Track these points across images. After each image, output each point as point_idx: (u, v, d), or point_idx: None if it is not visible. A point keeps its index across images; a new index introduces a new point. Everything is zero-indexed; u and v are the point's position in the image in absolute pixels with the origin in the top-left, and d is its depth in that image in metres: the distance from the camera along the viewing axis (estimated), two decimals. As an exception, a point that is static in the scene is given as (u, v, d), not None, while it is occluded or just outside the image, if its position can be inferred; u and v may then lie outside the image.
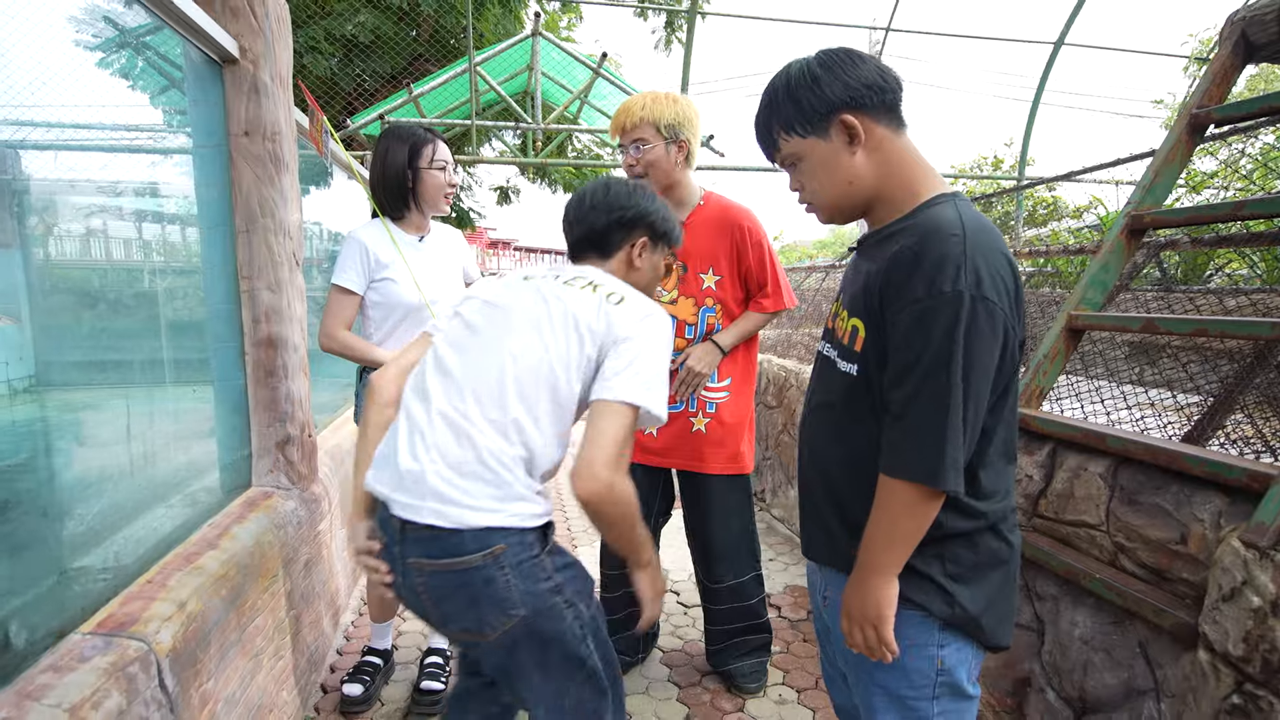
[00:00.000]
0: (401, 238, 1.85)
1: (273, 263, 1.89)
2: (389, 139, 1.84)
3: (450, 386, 1.13)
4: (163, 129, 1.81)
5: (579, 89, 5.66)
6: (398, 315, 1.81)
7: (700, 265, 1.85)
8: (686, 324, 1.86)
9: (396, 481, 1.09)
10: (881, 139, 0.99)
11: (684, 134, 1.78)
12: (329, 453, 2.47)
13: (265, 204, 1.87)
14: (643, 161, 1.79)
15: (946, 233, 0.91)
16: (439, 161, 1.83)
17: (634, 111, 1.78)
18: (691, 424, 1.88)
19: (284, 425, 1.95)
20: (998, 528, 1.01)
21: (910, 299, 0.91)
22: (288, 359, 1.95)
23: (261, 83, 1.84)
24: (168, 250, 1.93)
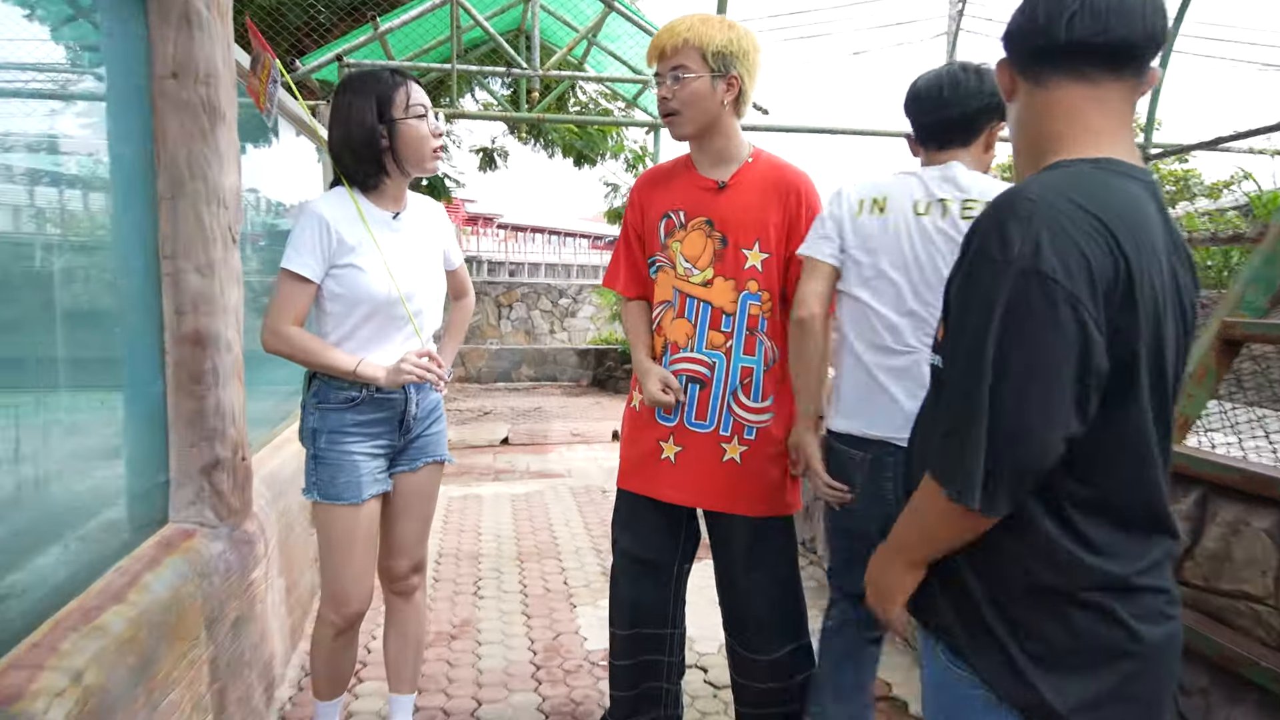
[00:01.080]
0: (373, 214, 1.83)
1: (203, 238, 1.88)
2: (347, 92, 1.81)
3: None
4: (66, 68, 1.80)
5: (587, 26, 5.65)
6: (363, 311, 1.79)
7: (744, 238, 1.82)
8: (724, 313, 1.83)
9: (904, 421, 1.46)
10: (1029, 97, 1.05)
11: (736, 68, 1.75)
12: (265, 480, 2.45)
13: (195, 164, 1.86)
14: (679, 95, 1.76)
15: (1022, 195, 0.93)
16: (416, 107, 1.81)
17: (677, 31, 1.74)
18: (723, 451, 1.84)
19: (212, 445, 1.93)
20: (1112, 608, 0.95)
21: (956, 270, 0.97)
22: (219, 361, 1.93)
23: (195, 11, 1.83)
24: (67, 220, 1.92)
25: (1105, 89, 0.99)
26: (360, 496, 1.80)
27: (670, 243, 1.88)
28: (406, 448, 1.91)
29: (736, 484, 1.84)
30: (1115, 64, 0.98)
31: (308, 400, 1.86)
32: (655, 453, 1.89)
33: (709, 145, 1.84)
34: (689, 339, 1.85)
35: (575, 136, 10.84)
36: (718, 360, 1.84)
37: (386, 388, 1.80)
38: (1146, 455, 0.96)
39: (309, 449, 1.83)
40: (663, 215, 1.89)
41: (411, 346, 1.85)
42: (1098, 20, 0.96)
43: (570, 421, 7.48)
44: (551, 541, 3.90)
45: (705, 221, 1.84)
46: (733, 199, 1.82)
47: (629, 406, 1.99)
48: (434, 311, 1.92)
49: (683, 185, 1.88)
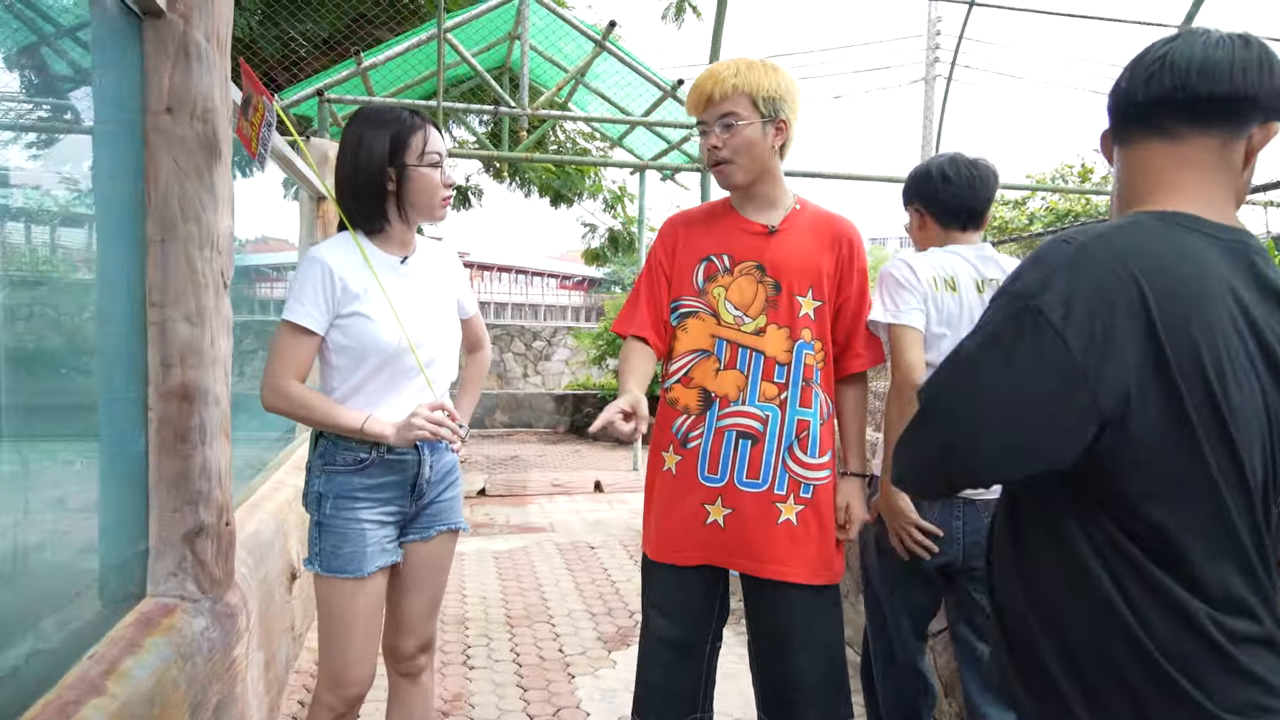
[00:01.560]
0: (378, 259, 1.75)
1: (195, 285, 1.79)
2: (363, 124, 1.75)
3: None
4: (54, 99, 1.72)
5: (576, 66, 5.68)
6: (372, 363, 1.70)
7: (798, 285, 1.78)
8: (777, 363, 1.77)
9: None
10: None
11: (785, 112, 1.74)
12: (245, 544, 2.32)
13: (189, 205, 1.78)
14: (730, 144, 1.73)
15: (1061, 240, 0.97)
16: (432, 155, 1.74)
17: (724, 78, 1.72)
18: (778, 512, 1.77)
19: (196, 509, 1.81)
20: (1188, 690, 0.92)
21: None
22: (206, 417, 1.83)
23: (194, 43, 1.76)
24: (47, 263, 1.82)
25: (1188, 144, 1.00)
26: (365, 570, 1.68)
27: (711, 288, 1.81)
28: (419, 515, 1.81)
29: (792, 547, 1.76)
30: (1197, 119, 0.99)
31: (313, 462, 1.75)
32: (699, 517, 1.79)
33: (757, 191, 1.81)
34: (740, 391, 1.77)
35: (553, 176, 10.88)
36: (771, 413, 1.77)
37: (396, 446, 1.70)
38: (1223, 529, 0.92)
39: (313, 515, 1.73)
40: (703, 258, 1.83)
41: (424, 400, 1.75)
42: (1176, 77, 0.99)
43: (549, 471, 7.35)
44: (542, 604, 3.77)
45: (755, 266, 1.79)
46: (785, 244, 1.78)
47: (660, 471, 1.87)
48: (448, 362, 1.83)
49: (727, 229, 1.83)
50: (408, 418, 1.66)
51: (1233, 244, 0.97)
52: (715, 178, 1.81)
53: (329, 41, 7.01)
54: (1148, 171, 1.03)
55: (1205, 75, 0.98)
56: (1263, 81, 0.97)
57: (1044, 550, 1.01)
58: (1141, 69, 1.03)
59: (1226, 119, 0.99)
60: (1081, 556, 0.96)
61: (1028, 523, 1.04)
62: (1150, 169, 1.03)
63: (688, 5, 10.85)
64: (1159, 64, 1.01)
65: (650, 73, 5.68)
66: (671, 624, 1.84)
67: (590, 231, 12.25)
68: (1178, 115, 1.00)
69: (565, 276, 35.44)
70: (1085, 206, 13.89)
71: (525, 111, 5.28)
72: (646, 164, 6.43)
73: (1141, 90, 1.02)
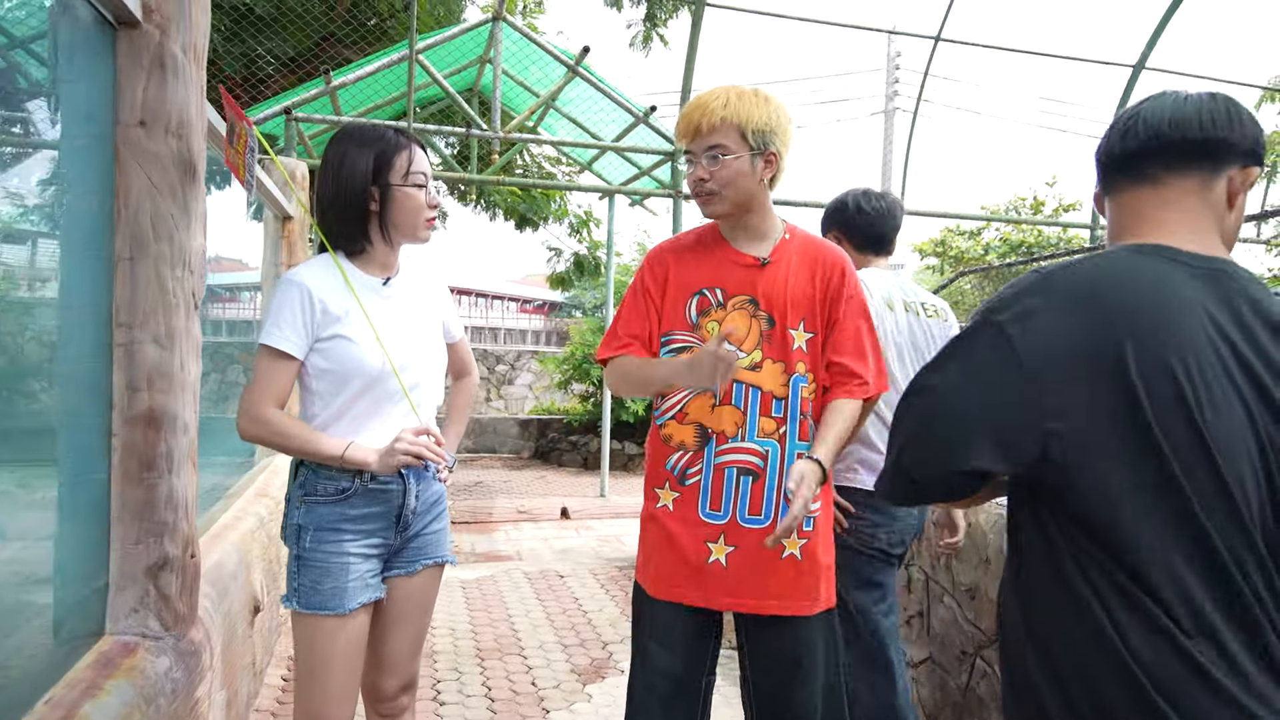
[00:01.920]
0: (360, 280, 1.70)
1: (165, 305, 1.71)
2: (346, 143, 1.71)
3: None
4: (20, 110, 1.65)
5: (549, 90, 5.68)
6: (355, 387, 1.64)
7: (790, 318, 1.75)
8: (774, 398, 1.74)
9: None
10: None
11: (775, 144, 1.72)
12: (208, 577, 2.22)
13: (161, 223, 1.71)
14: (718, 176, 1.71)
15: (1042, 268, 1.05)
16: (416, 175, 1.70)
17: (712, 110, 1.69)
18: (782, 546, 1.73)
19: (161, 541, 1.72)
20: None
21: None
22: (174, 444, 1.74)
23: (170, 56, 1.70)
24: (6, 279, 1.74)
25: (1168, 187, 1.08)
26: (346, 606, 1.61)
27: (705, 322, 1.78)
28: (404, 548, 1.74)
29: (797, 582, 1.73)
30: (1173, 163, 1.08)
31: (293, 492, 1.68)
32: (701, 555, 1.75)
33: (746, 221, 1.78)
34: (738, 427, 1.74)
35: (518, 199, 10.84)
36: (771, 449, 1.73)
37: (379, 474, 1.64)
38: (1202, 554, 0.92)
39: (292, 548, 1.65)
40: (695, 292, 1.79)
41: (408, 426, 1.69)
42: (1150, 128, 1.08)
43: (515, 497, 7.25)
44: (512, 635, 3.68)
45: (749, 300, 1.76)
46: (776, 276, 1.76)
47: (656, 507, 1.82)
48: (433, 386, 1.78)
49: (718, 261, 1.80)
50: (390, 443, 1.60)
51: (1211, 271, 1.01)
52: (700, 208, 1.78)
53: (295, 60, 6.92)
54: (1133, 212, 1.11)
55: (1177, 125, 1.07)
56: (1232, 127, 1.06)
57: (1036, 570, 1.04)
58: (1119, 127, 1.13)
59: (1201, 161, 1.07)
60: (1068, 577, 0.99)
61: (1023, 543, 1.07)
62: (1135, 211, 1.10)
63: (655, 34, 10.98)
64: (1134, 120, 1.11)
65: (623, 98, 5.70)
66: (673, 661, 1.78)
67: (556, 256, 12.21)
68: (1156, 161, 1.08)
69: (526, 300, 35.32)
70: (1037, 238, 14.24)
71: (497, 134, 5.24)
72: (617, 189, 6.43)
73: (1119, 144, 1.12)
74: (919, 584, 2.74)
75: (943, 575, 2.59)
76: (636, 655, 1.84)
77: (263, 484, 3.54)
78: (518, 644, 3.57)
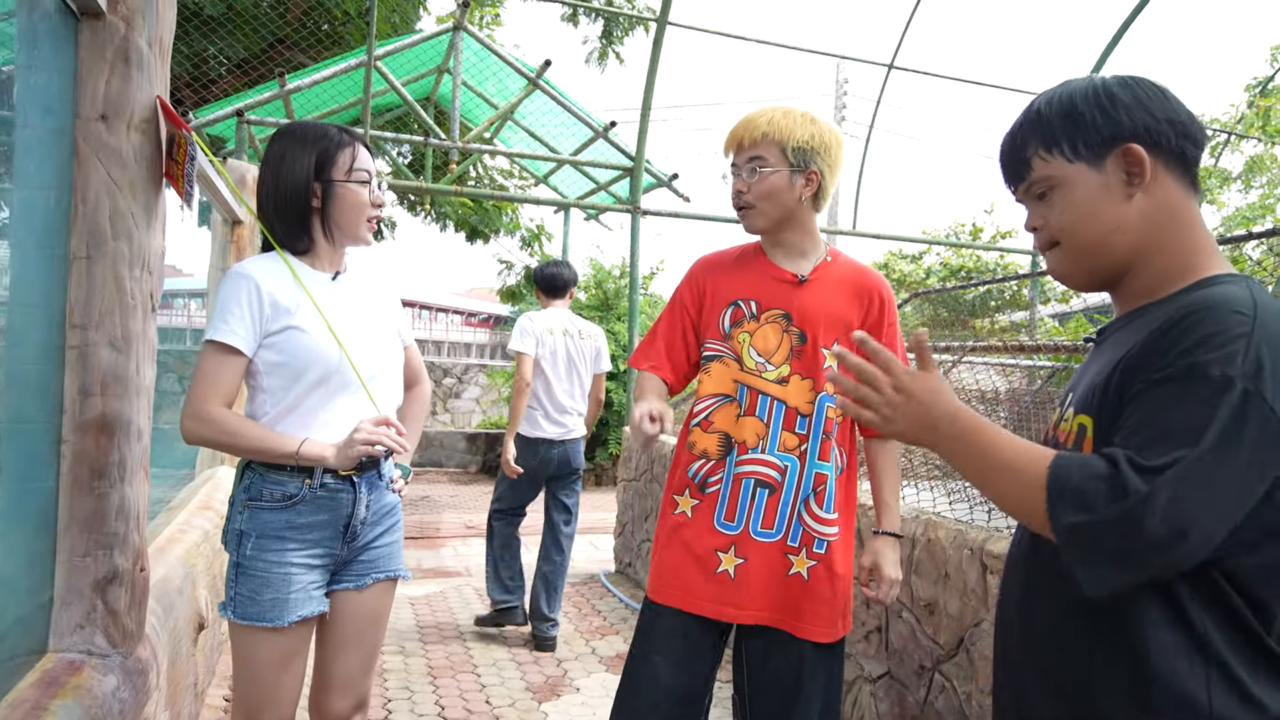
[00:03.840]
0: (308, 275, 1.66)
1: (122, 306, 1.65)
2: (287, 140, 1.68)
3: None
4: (-28, 100, 1.57)
5: (509, 102, 5.65)
6: (310, 379, 1.59)
7: (825, 336, 1.76)
8: (799, 414, 1.75)
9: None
10: (1168, 190, 0.99)
11: (817, 164, 1.73)
12: (154, 592, 2.12)
13: (120, 221, 1.65)
14: (755, 189, 1.74)
15: (1229, 308, 0.88)
16: (360, 172, 1.68)
17: (756, 125, 1.73)
18: (789, 564, 1.73)
19: (110, 554, 1.65)
20: None
21: (1155, 368, 0.88)
22: (126, 452, 1.68)
23: (135, 48, 1.65)
24: (-52, 277, 1.65)
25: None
26: (285, 619, 1.55)
27: (737, 333, 1.79)
28: (352, 560, 1.69)
29: (801, 602, 1.72)
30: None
31: (236, 495, 1.62)
32: (711, 565, 1.74)
33: (785, 239, 1.80)
34: (760, 439, 1.74)
35: (470, 211, 10.75)
36: (790, 464, 1.74)
37: (338, 468, 1.59)
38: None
39: (232, 554, 1.59)
40: (730, 302, 1.81)
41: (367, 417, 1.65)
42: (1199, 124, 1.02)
43: (462, 512, 7.14)
44: (465, 652, 3.60)
45: (782, 315, 1.77)
46: (814, 295, 1.77)
47: (673, 514, 1.81)
48: (391, 381, 1.73)
49: (756, 274, 1.81)
50: (349, 434, 1.56)
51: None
52: (741, 222, 1.81)
53: (246, 63, 6.77)
54: (1201, 229, 1.02)
55: (1198, 125, 1.02)
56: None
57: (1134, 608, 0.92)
58: (1187, 110, 1.02)
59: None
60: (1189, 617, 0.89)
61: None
62: (1200, 227, 1.02)
63: (612, 51, 11.04)
64: (1191, 112, 1.02)
65: (583, 113, 5.71)
66: (677, 672, 1.74)
67: (507, 269, 12.13)
68: (1195, 172, 1.03)
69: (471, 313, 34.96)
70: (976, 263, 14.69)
71: (455, 144, 5.20)
72: (574, 203, 6.42)
73: (1200, 143, 1.02)
74: (877, 600, 2.77)
75: (901, 590, 2.63)
76: (636, 670, 1.78)
77: (205, 496, 3.42)
78: (470, 662, 3.50)
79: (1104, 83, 1.02)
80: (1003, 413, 4.88)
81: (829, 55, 6.70)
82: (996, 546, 2.21)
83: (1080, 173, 1.01)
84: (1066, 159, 1.01)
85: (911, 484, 3.64)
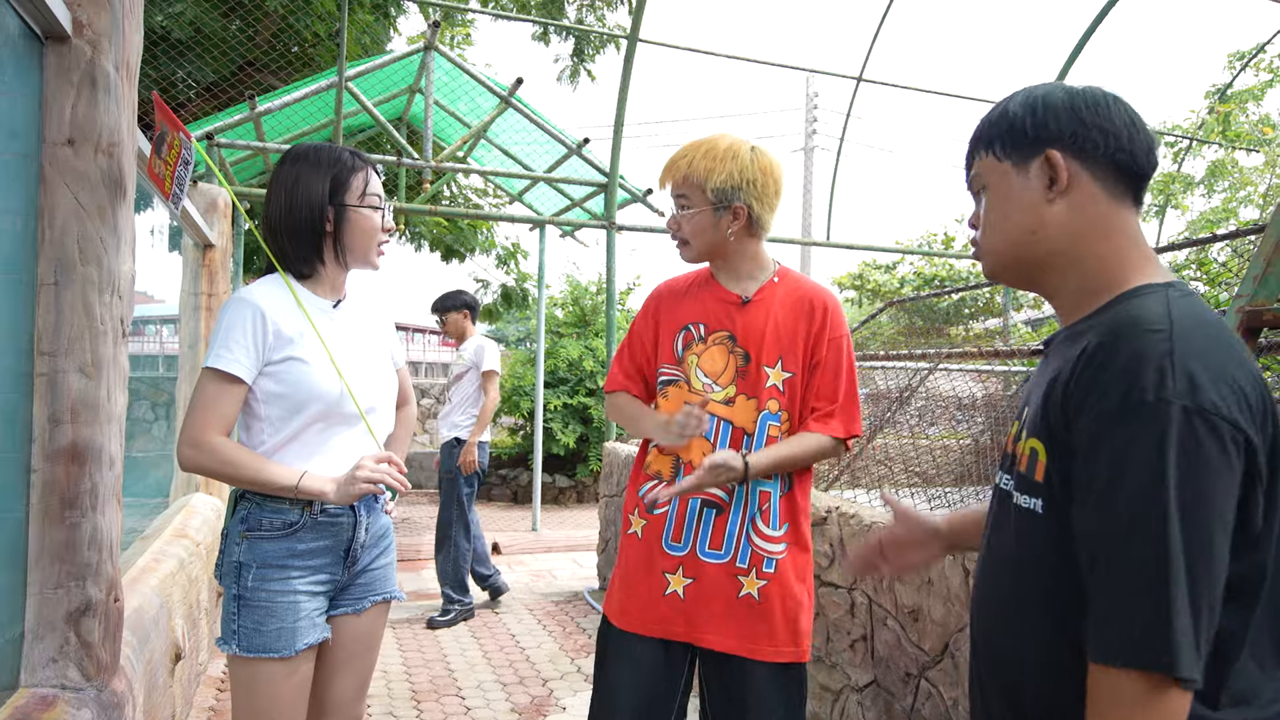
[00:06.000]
0: (311, 302, 1.65)
1: (92, 332, 1.63)
2: (299, 163, 1.67)
3: None
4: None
5: (481, 121, 5.66)
6: (311, 412, 1.58)
7: (767, 356, 1.77)
8: (744, 434, 1.76)
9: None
10: (1091, 198, 1.01)
11: (742, 199, 1.75)
12: (129, 623, 2.08)
13: (89, 246, 1.63)
14: (685, 226, 1.80)
15: (1143, 327, 0.90)
16: (371, 196, 1.68)
17: (678, 165, 1.77)
18: (739, 585, 1.72)
19: (83, 585, 1.62)
20: None
21: (1097, 413, 0.89)
22: (99, 480, 1.65)
23: (102, 72, 1.64)
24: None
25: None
26: (294, 648, 1.53)
27: (687, 356, 1.81)
28: (350, 584, 1.67)
29: (754, 623, 1.71)
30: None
31: (232, 527, 1.59)
32: (660, 587, 1.73)
33: (728, 265, 1.82)
34: (705, 458, 1.75)
35: (445, 230, 10.73)
36: (736, 483, 1.74)
37: (336, 504, 1.57)
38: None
39: (230, 588, 1.56)
40: (682, 327, 1.84)
41: (363, 452, 1.63)
42: (1150, 139, 1.04)
43: (444, 534, 7.06)
44: (449, 675, 3.56)
45: (727, 336, 1.79)
46: (757, 314, 1.78)
47: (627, 534, 1.82)
48: (387, 412, 1.73)
49: (704, 298, 1.84)
50: (350, 471, 1.55)
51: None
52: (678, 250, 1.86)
53: (215, 86, 6.73)
54: (1131, 239, 1.03)
55: (1139, 135, 1.03)
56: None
57: (1050, 580, 0.96)
58: (1127, 119, 1.02)
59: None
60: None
61: (1035, 574, 0.98)
62: (1130, 236, 1.03)
63: (583, 70, 11.11)
64: (1133, 121, 1.02)
65: (556, 130, 5.73)
66: (633, 693, 1.73)
67: (483, 288, 12.11)
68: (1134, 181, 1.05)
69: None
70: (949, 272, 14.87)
71: (429, 164, 5.19)
72: (550, 220, 6.44)
73: (1139, 153, 1.02)
74: (862, 608, 2.78)
75: (885, 598, 2.64)
76: (595, 693, 1.79)
77: (180, 524, 3.37)
78: (454, 684, 3.46)
79: (1048, 89, 1.04)
80: (980, 418, 4.93)
81: (798, 69, 6.78)
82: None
83: (1005, 173, 1.04)
84: (996, 159, 1.05)
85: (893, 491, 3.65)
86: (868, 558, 1.37)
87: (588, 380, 9.11)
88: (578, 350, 9.40)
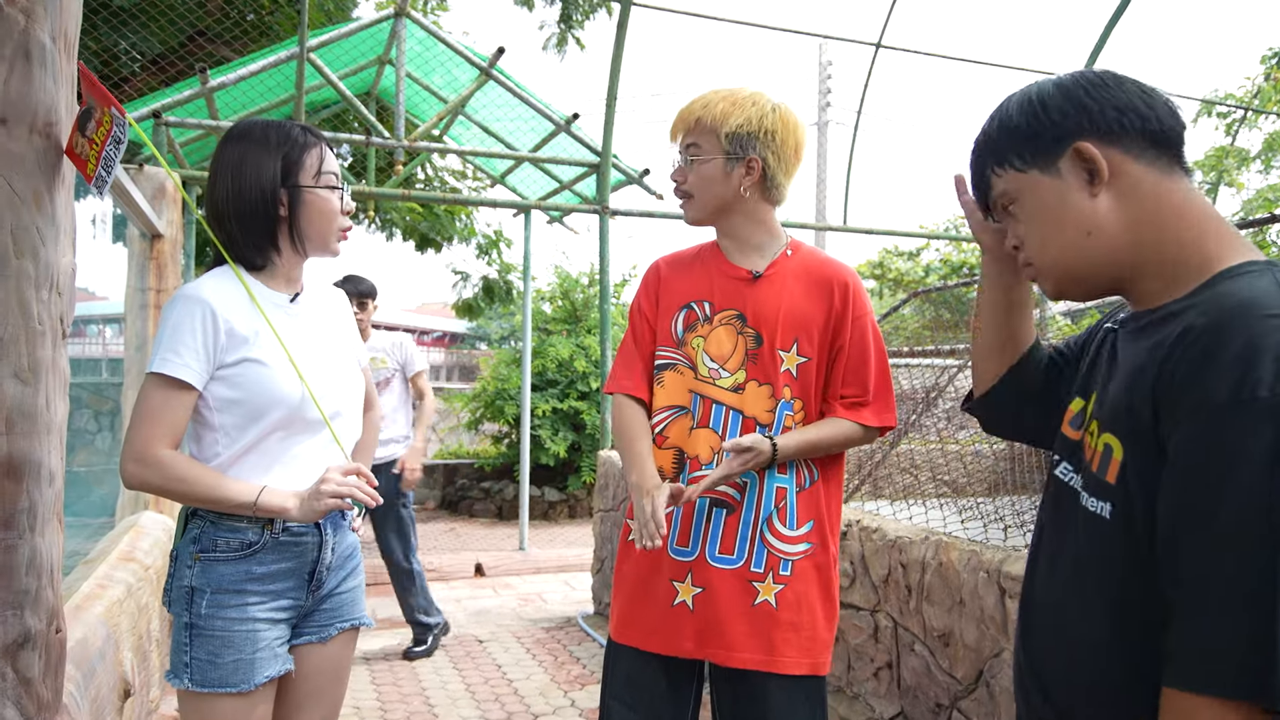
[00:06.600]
0: (265, 296, 1.65)
1: (29, 333, 1.63)
2: (244, 141, 1.66)
3: None
4: None
5: (459, 95, 5.66)
6: (270, 420, 1.57)
7: (781, 338, 1.77)
8: (757, 424, 1.76)
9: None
10: (1140, 179, 1.00)
11: (757, 150, 1.75)
12: (72, 657, 2.09)
13: (24, 236, 1.62)
14: (691, 178, 1.78)
15: (1259, 311, 0.87)
16: (328, 175, 1.67)
17: (692, 110, 1.77)
18: (755, 592, 1.73)
19: (21, 614, 1.62)
20: None
21: (1200, 407, 0.87)
22: (37, 498, 1.65)
23: (37, 43, 1.63)
24: None
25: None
26: (252, 681, 1.53)
27: (690, 337, 1.80)
28: (315, 610, 1.67)
29: (771, 633, 1.71)
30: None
31: (182, 548, 1.59)
32: (668, 596, 1.74)
33: (734, 231, 1.82)
34: (715, 452, 1.75)
35: (419, 218, 10.72)
36: (750, 479, 1.74)
37: (300, 521, 1.57)
38: None
39: (181, 616, 1.56)
40: (683, 305, 1.82)
41: (328, 462, 1.63)
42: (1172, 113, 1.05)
43: (421, 553, 7.06)
44: (428, 710, 3.57)
45: (736, 316, 1.79)
46: (770, 292, 1.78)
47: (626, 540, 1.83)
48: (353, 417, 1.73)
49: (709, 272, 1.83)
50: (315, 485, 1.54)
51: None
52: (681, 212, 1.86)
53: (162, 58, 6.72)
54: (1203, 212, 1.02)
55: (1156, 100, 1.05)
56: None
57: (1121, 592, 0.97)
58: (1136, 90, 1.03)
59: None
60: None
61: (1103, 585, 0.99)
62: (1200, 210, 1.03)
63: (571, 37, 11.11)
64: (1143, 90, 1.03)
65: (542, 105, 5.73)
66: (640, 716, 1.75)
67: (462, 280, 12.09)
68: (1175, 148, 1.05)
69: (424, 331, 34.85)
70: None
71: (401, 143, 5.19)
72: (536, 204, 6.43)
73: (1167, 118, 1.02)
74: (887, 632, 2.79)
75: (912, 620, 2.64)
76: (603, 716, 1.81)
77: (128, 546, 3.37)
78: None
79: (1038, 87, 1.06)
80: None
81: (810, 35, 6.79)
82: (1014, 568, 2.23)
83: (1035, 181, 1.04)
84: (1017, 170, 1.05)
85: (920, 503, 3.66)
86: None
87: (579, 382, 9.11)
88: (568, 349, 9.40)
